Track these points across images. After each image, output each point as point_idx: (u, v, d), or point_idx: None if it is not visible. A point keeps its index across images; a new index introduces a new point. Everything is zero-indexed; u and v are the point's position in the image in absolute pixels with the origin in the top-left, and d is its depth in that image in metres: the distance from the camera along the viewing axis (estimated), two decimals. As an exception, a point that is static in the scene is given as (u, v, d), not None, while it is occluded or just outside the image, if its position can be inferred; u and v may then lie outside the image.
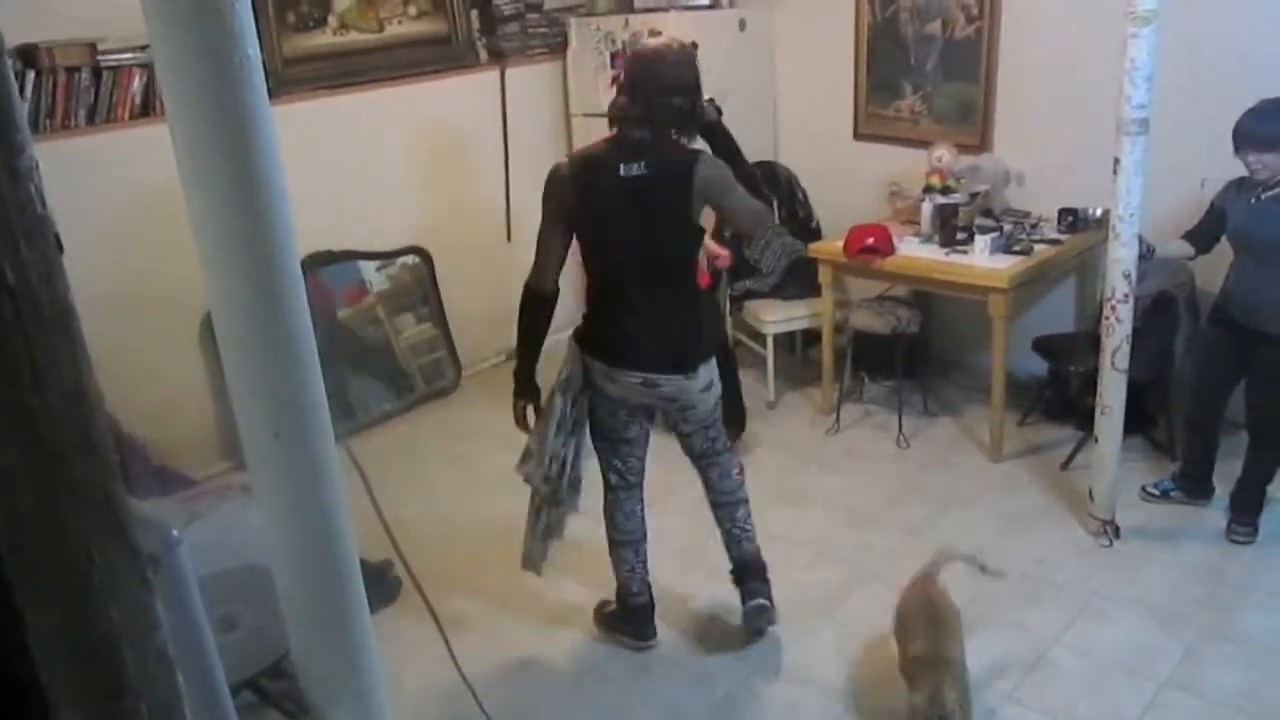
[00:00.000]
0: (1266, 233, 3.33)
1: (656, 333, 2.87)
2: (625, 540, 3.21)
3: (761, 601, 3.19)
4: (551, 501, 3.10)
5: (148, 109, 3.97)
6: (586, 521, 3.96)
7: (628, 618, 3.27)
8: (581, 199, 2.78)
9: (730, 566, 3.27)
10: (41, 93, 3.73)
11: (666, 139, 2.79)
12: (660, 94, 2.75)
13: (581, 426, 3.04)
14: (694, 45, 2.91)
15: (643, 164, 2.75)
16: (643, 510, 3.23)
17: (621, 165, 2.75)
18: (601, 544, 3.74)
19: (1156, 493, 3.85)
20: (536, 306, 2.93)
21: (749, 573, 3.23)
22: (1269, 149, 3.24)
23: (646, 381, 2.90)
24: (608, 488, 3.17)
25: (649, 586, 3.25)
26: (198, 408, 4.23)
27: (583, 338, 2.96)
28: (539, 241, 2.88)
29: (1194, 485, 3.81)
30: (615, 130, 2.83)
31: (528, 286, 2.93)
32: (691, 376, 2.93)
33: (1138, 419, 4.01)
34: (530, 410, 3.03)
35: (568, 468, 3.05)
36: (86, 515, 0.68)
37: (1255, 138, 3.26)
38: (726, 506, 3.22)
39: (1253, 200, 3.36)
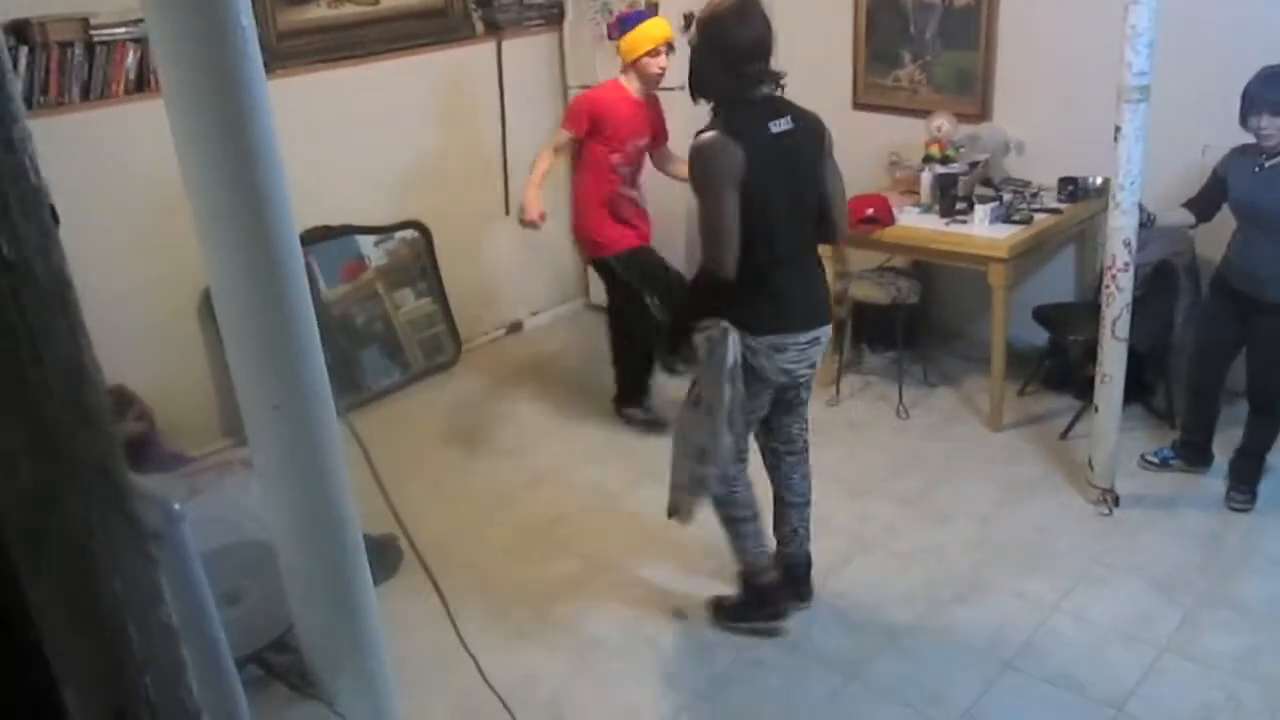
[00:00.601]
0: (1270, 201, 3.31)
1: (811, 288, 2.89)
2: (748, 516, 3.08)
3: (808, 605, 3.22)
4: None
5: (143, 84, 3.94)
6: (579, 496, 3.98)
7: (762, 599, 3.13)
8: (749, 165, 2.65)
9: (786, 564, 3.20)
10: (35, 69, 3.70)
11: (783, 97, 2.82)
12: (764, 54, 2.74)
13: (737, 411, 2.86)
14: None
15: (788, 119, 2.75)
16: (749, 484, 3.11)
17: (771, 123, 2.72)
18: (596, 519, 3.77)
19: (1156, 461, 3.86)
20: (724, 293, 2.72)
21: (803, 572, 3.23)
22: None
23: (812, 340, 2.86)
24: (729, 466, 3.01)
25: (771, 558, 3.17)
26: (198, 385, 4.23)
27: (748, 318, 2.77)
28: (719, 225, 2.65)
29: (1193, 453, 3.81)
30: (732, 96, 2.74)
31: (712, 275, 2.69)
32: (830, 325, 2.96)
33: (1137, 388, 4.01)
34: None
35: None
36: (87, 489, 0.68)
37: (1267, 102, 3.24)
38: (798, 507, 3.18)
39: (1256, 169, 3.35)
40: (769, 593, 3.13)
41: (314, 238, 4.55)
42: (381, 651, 1.63)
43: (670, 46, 3.97)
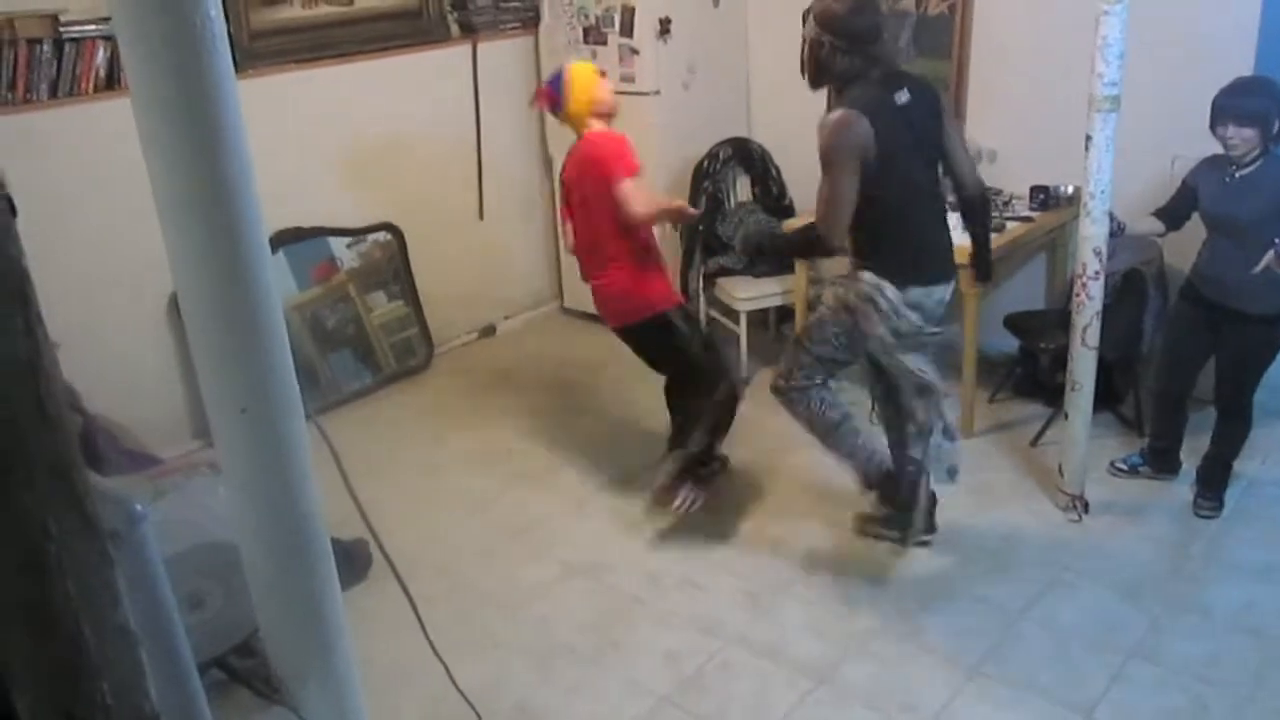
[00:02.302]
0: (1239, 211, 3.35)
1: (944, 245, 3.22)
2: (837, 419, 3.37)
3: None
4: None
5: (113, 82, 3.90)
6: (551, 501, 3.96)
7: (889, 493, 3.48)
8: (878, 136, 2.93)
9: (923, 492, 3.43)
10: (2, 65, 3.66)
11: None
12: (880, 37, 3.04)
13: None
14: None
15: (906, 91, 3.03)
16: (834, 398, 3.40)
17: (895, 95, 3.01)
18: (567, 524, 3.75)
19: (1125, 468, 3.89)
20: (827, 256, 3.32)
21: (932, 502, 3.49)
22: (1247, 124, 3.26)
23: (941, 294, 3.19)
24: (816, 384, 3.32)
25: (910, 463, 3.41)
26: (166, 388, 4.18)
27: (886, 269, 3.10)
28: (836, 196, 2.98)
29: (1161, 460, 3.85)
30: (849, 78, 3.02)
31: (823, 240, 3.08)
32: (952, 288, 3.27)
33: (1106, 395, 4.04)
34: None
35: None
36: (41, 487, 0.66)
37: (1234, 112, 3.27)
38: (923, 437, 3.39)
39: (1225, 179, 3.38)
40: (892, 483, 3.45)
41: (285, 239, 4.52)
42: (348, 656, 1.61)
43: (602, 71, 3.77)
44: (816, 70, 3.07)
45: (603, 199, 3.49)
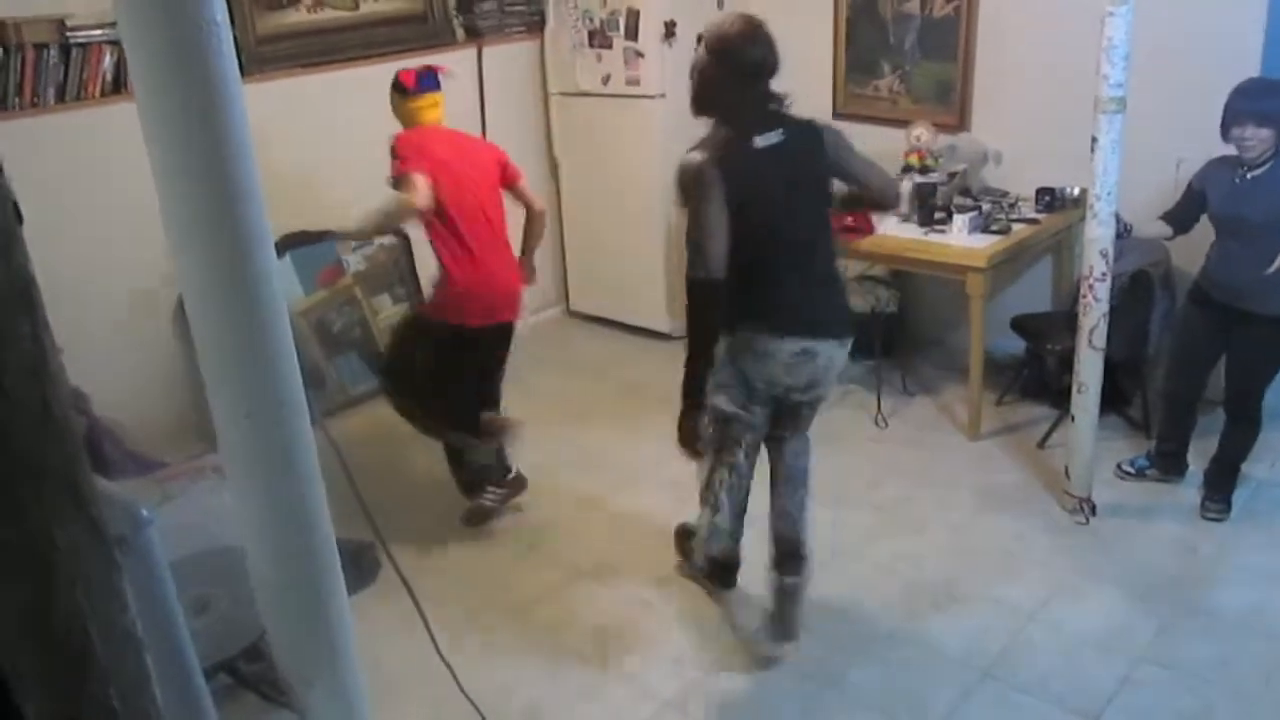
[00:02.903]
0: (1250, 212, 3.33)
1: (814, 300, 2.85)
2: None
3: (796, 580, 3.09)
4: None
5: (119, 86, 3.91)
6: (558, 504, 3.96)
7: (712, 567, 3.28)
8: (728, 182, 2.66)
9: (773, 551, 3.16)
10: (9, 70, 3.67)
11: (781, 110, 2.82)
12: (769, 74, 2.78)
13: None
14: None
15: (780, 132, 2.75)
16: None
17: (757, 138, 2.73)
18: (575, 527, 3.75)
19: (1132, 470, 3.88)
20: (716, 299, 2.69)
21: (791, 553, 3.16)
22: (1267, 124, 3.23)
23: (806, 351, 2.81)
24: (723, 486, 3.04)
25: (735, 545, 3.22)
26: (172, 392, 4.18)
27: (732, 316, 2.79)
28: (702, 231, 2.65)
29: (1169, 463, 3.83)
30: (724, 114, 2.77)
31: (698, 281, 2.67)
32: (845, 344, 2.92)
33: (1113, 397, 4.04)
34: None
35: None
36: (48, 493, 0.66)
37: (1254, 112, 3.24)
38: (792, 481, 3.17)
39: (1237, 180, 3.36)
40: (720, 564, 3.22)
41: (292, 243, 4.52)
42: (354, 660, 1.60)
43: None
44: (702, 99, 2.80)
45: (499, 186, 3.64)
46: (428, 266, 4.99)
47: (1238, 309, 3.43)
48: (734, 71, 2.74)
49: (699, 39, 2.81)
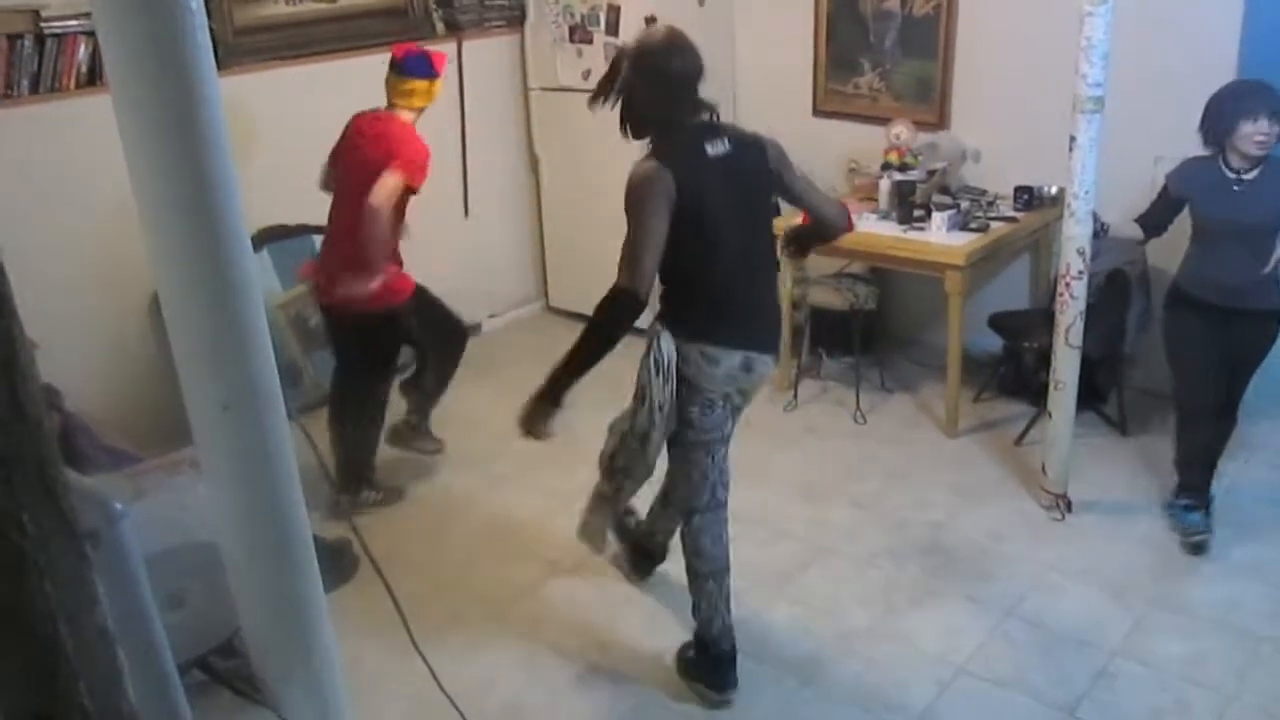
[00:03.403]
0: (1249, 216, 3.28)
1: (758, 313, 2.83)
2: (712, 570, 2.91)
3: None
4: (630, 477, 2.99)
5: (95, 78, 3.87)
6: (537, 500, 3.96)
7: (707, 665, 2.96)
8: (682, 189, 2.60)
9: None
10: (-18, 60, 3.63)
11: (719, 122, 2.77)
12: (696, 84, 2.72)
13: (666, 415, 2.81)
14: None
15: (725, 141, 2.69)
16: (727, 535, 2.95)
17: (708, 146, 2.67)
18: (554, 524, 3.74)
19: (1185, 525, 3.55)
20: (634, 314, 2.62)
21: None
22: (1276, 119, 3.17)
23: (746, 362, 2.77)
24: (701, 508, 2.89)
25: (731, 630, 2.94)
26: (147, 386, 4.15)
27: (679, 322, 2.75)
28: (641, 245, 2.60)
29: (1199, 496, 3.54)
30: (661, 129, 2.72)
31: (627, 292, 2.59)
32: (776, 359, 2.95)
33: (1090, 395, 4.06)
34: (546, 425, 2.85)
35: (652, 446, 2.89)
36: (18, 485, 0.65)
37: (1270, 105, 3.17)
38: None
39: (1235, 186, 3.30)
40: (714, 661, 2.94)
41: (269, 237, 4.49)
42: (331, 656, 1.60)
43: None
44: (637, 119, 2.73)
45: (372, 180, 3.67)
46: (406, 261, 4.99)
47: (1236, 308, 3.37)
48: (664, 84, 2.68)
49: (619, 60, 2.73)
